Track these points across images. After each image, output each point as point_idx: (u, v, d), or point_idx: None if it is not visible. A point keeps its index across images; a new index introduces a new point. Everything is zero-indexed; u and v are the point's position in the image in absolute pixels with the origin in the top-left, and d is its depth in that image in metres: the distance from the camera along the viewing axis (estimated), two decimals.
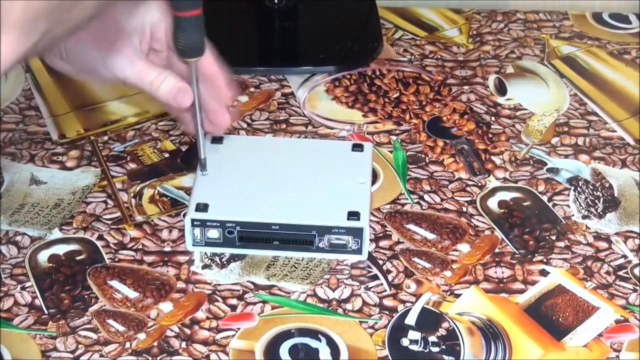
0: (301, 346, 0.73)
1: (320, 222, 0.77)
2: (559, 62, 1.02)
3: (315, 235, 0.77)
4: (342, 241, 0.77)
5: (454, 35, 1.06)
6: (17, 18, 0.54)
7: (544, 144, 0.92)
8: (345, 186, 0.80)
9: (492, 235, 0.82)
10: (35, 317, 0.75)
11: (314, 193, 0.79)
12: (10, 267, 0.78)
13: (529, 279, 0.79)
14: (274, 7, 1.04)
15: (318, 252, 0.78)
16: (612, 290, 0.78)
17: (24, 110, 0.94)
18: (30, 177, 0.87)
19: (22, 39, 0.55)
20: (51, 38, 0.58)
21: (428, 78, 1.00)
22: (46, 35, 0.57)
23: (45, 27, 0.56)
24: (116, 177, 0.87)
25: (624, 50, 1.04)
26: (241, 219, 0.77)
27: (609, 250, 0.81)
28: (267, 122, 0.93)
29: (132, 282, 0.77)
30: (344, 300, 0.77)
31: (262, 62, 1.01)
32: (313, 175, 0.81)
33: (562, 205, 0.85)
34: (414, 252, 0.81)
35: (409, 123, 0.94)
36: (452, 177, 0.88)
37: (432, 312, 0.76)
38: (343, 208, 0.77)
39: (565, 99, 0.98)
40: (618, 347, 0.73)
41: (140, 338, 0.73)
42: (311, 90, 0.98)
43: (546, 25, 1.08)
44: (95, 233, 0.82)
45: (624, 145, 0.92)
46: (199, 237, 0.78)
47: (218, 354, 0.72)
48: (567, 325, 0.75)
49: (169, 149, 0.90)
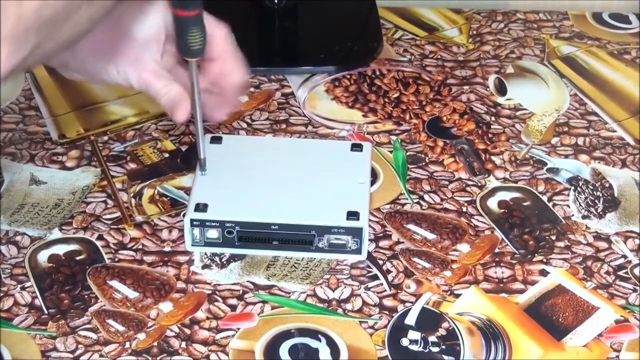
0: (301, 346, 0.73)
1: (319, 222, 0.77)
2: (559, 62, 1.02)
3: (314, 235, 0.77)
4: (341, 241, 0.77)
5: (454, 35, 1.06)
6: (7, 32, 0.54)
7: (544, 144, 0.92)
8: (344, 186, 0.80)
9: (492, 235, 0.82)
10: (35, 317, 0.75)
11: (313, 193, 0.79)
12: (10, 267, 0.78)
13: (529, 279, 0.79)
14: (274, 7, 1.04)
15: (317, 252, 0.78)
16: (612, 290, 0.78)
17: (24, 110, 0.94)
18: (30, 177, 0.87)
19: (13, 53, 0.55)
20: (42, 52, 0.58)
21: (428, 78, 1.00)
22: (37, 50, 0.57)
23: (36, 41, 0.56)
24: (116, 177, 0.87)
25: (624, 50, 1.04)
26: (240, 219, 0.77)
27: (609, 250, 0.81)
28: (267, 122, 0.93)
29: (132, 282, 0.77)
30: (344, 300, 0.77)
31: (262, 62, 1.01)
32: (312, 175, 0.81)
33: (562, 205, 0.85)
34: (414, 252, 0.81)
35: (409, 123, 0.94)
36: (452, 177, 0.88)
37: (432, 312, 0.76)
38: (342, 208, 0.77)
39: (565, 99, 0.98)
40: (618, 347, 0.73)
41: (140, 338, 0.73)
42: (311, 90, 0.98)
43: (546, 25, 1.08)
44: (95, 233, 0.82)
45: (624, 145, 0.92)
46: (198, 237, 0.78)
47: (218, 354, 0.72)
48: (567, 325, 0.75)
49: (169, 149, 0.90)
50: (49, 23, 0.56)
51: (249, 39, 1.04)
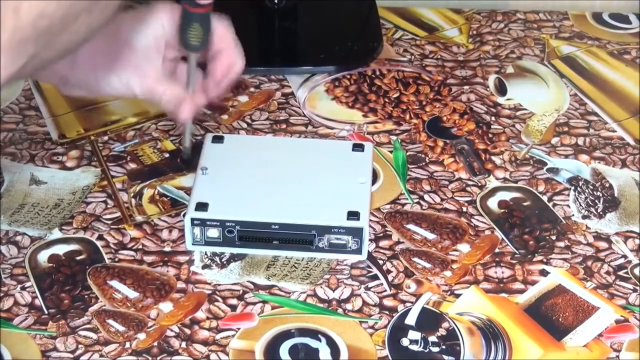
0: (301, 346, 0.73)
1: (320, 222, 0.77)
2: (559, 62, 1.02)
3: (315, 235, 0.77)
4: (341, 241, 0.77)
5: (454, 35, 1.06)
6: (5, 41, 0.54)
7: (544, 144, 0.92)
8: (345, 186, 0.80)
9: (492, 235, 0.82)
10: (35, 317, 0.75)
11: (313, 193, 0.79)
12: (10, 267, 0.78)
13: (529, 279, 0.78)
14: (274, 7, 1.04)
15: (318, 251, 0.78)
16: (612, 290, 0.78)
17: (24, 110, 0.94)
18: (30, 177, 0.87)
19: (10, 62, 0.55)
20: (40, 61, 0.58)
21: (428, 78, 0.99)
22: (34, 59, 0.57)
23: (33, 51, 0.56)
24: (116, 177, 0.87)
25: (624, 50, 1.04)
26: (241, 218, 0.77)
27: (609, 250, 0.81)
28: (267, 122, 0.93)
29: (132, 282, 0.77)
30: (344, 300, 0.77)
31: (262, 62, 1.01)
32: (313, 175, 0.81)
33: (562, 205, 0.85)
34: (414, 252, 0.81)
35: (409, 123, 0.94)
36: (452, 177, 0.88)
37: (432, 312, 0.76)
38: (343, 208, 0.77)
39: (565, 99, 0.98)
40: (618, 347, 0.73)
41: (140, 338, 0.73)
42: (311, 90, 0.98)
43: (546, 25, 1.08)
44: (95, 233, 0.81)
45: (624, 145, 0.92)
46: (198, 236, 0.78)
47: (218, 354, 0.72)
48: (567, 325, 0.75)
49: (169, 149, 0.90)
50: (46, 33, 0.56)
51: (249, 39, 1.04)
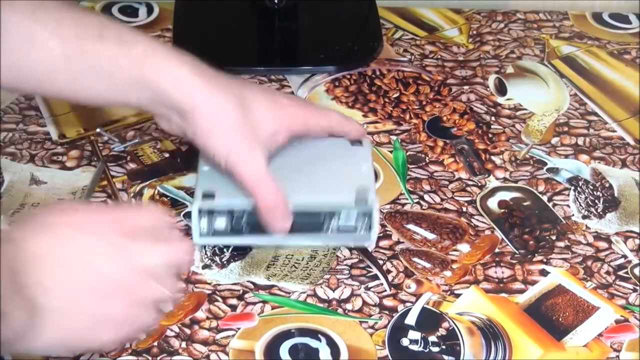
0: (301, 346, 0.73)
1: (328, 206, 0.75)
2: (559, 62, 1.02)
3: (324, 220, 0.75)
4: (350, 222, 0.75)
5: (454, 35, 1.06)
6: None
7: (544, 144, 0.92)
8: (350, 173, 0.78)
9: (492, 235, 0.82)
10: None
11: (320, 178, 0.78)
12: None
13: (529, 279, 0.79)
14: (274, 7, 1.04)
15: (327, 236, 0.76)
16: (612, 290, 0.78)
17: (24, 110, 0.94)
18: (30, 177, 0.87)
19: None
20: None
21: (428, 78, 1.00)
22: None
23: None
24: (116, 177, 0.87)
25: (624, 50, 1.04)
26: (249, 205, 0.74)
27: (609, 250, 0.81)
28: None
29: None
30: (344, 300, 0.77)
31: (262, 62, 1.01)
32: (319, 163, 0.79)
33: (562, 205, 0.85)
34: (414, 252, 0.81)
35: (409, 123, 0.94)
36: (452, 177, 0.88)
37: (432, 312, 0.76)
38: (350, 192, 0.75)
39: (565, 99, 0.98)
40: (618, 347, 0.73)
41: (141, 338, 0.73)
42: (311, 90, 0.98)
43: (546, 25, 1.08)
44: None
45: (624, 145, 0.92)
46: (205, 228, 0.75)
47: (218, 354, 0.72)
48: (567, 325, 0.75)
49: (169, 149, 0.90)
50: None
51: (249, 39, 1.04)
